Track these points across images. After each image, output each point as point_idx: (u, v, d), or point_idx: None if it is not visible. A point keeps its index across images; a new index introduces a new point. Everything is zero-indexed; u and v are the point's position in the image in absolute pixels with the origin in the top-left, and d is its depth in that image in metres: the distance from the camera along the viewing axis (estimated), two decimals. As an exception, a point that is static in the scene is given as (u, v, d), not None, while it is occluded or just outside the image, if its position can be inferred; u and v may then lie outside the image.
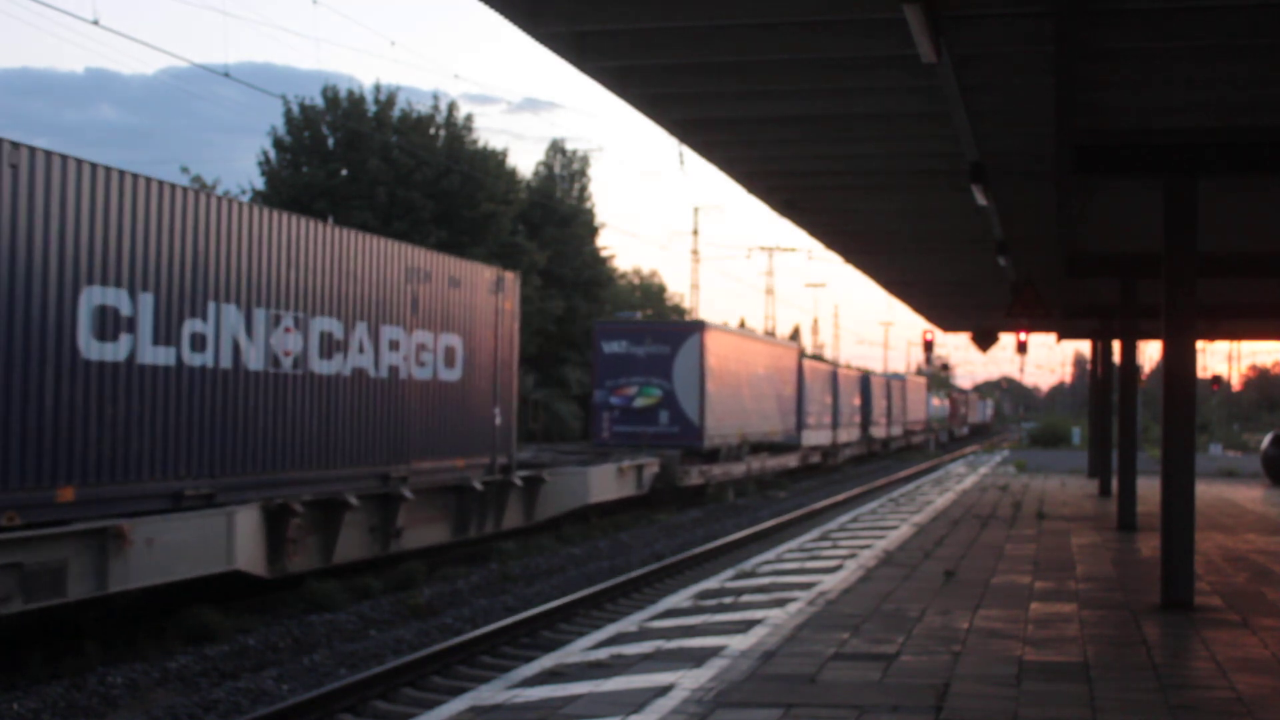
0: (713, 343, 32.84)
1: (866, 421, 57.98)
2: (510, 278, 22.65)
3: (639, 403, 31.90)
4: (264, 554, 15.47)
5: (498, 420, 21.82)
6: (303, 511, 16.04)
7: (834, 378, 51.02)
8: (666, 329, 33.81)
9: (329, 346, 17.15)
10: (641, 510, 28.98)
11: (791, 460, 42.32)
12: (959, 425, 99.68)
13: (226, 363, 15.20)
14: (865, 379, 58.82)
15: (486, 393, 21.52)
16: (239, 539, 14.75)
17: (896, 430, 67.32)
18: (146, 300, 13.99)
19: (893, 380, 67.23)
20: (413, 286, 19.21)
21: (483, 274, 21.59)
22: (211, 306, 14.99)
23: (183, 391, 14.51)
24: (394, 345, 18.68)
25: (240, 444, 15.39)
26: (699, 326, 32.93)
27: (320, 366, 16.96)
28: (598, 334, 32.93)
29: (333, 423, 17.16)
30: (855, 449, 56.13)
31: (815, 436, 46.66)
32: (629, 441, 31.21)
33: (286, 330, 16.31)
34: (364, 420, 17.87)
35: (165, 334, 14.25)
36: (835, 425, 50.66)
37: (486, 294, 21.60)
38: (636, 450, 30.13)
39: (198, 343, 14.77)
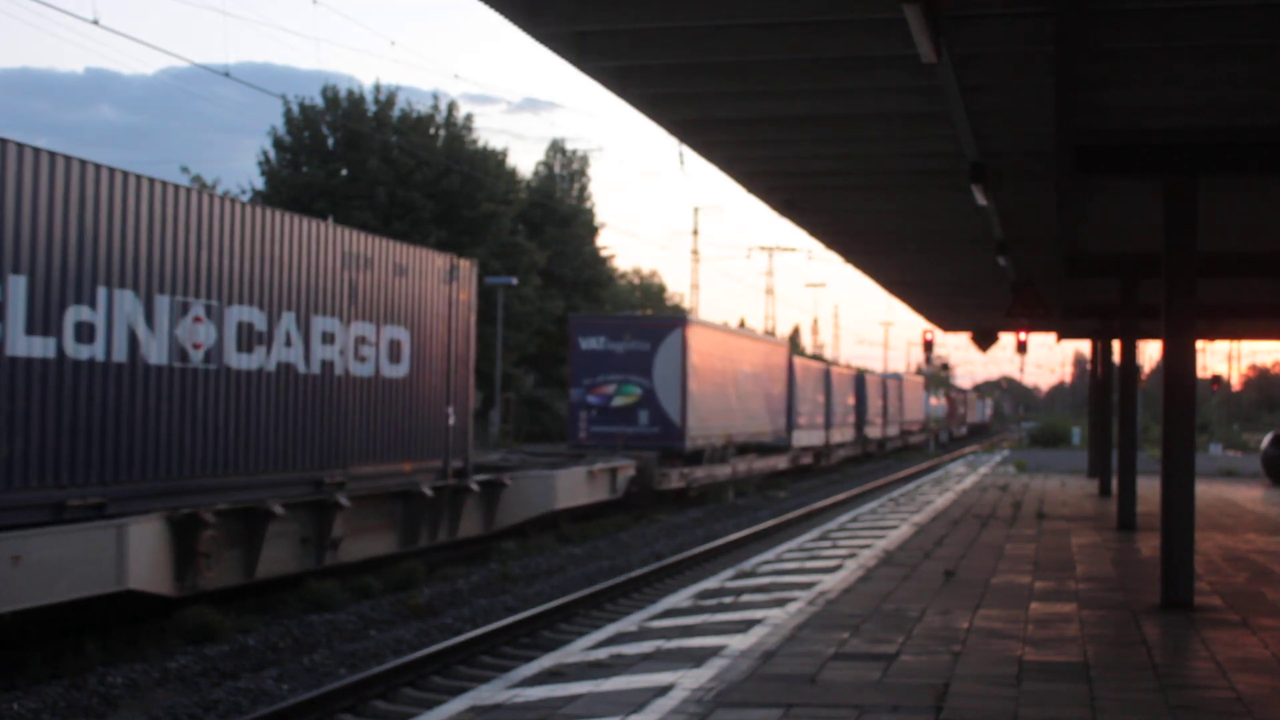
0: (695, 339, 31.42)
1: (861, 422, 56.83)
2: (466, 266, 20.90)
3: (617, 402, 30.35)
4: (170, 570, 13.94)
5: (451, 420, 20.15)
6: (215, 522, 14.45)
7: (826, 376, 49.84)
8: (646, 324, 32.04)
9: (249, 338, 15.51)
10: (642, 511, 28.88)
11: (781, 462, 40.93)
12: (957, 425, 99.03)
13: (121, 355, 13.54)
14: (860, 378, 57.82)
15: (438, 391, 19.87)
16: (133, 554, 13.09)
17: (893, 430, 66.24)
18: (17, 284, 12.41)
19: (889, 379, 66.25)
20: (350, 274, 17.51)
21: (434, 261, 19.91)
22: (102, 292, 13.34)
23: (65, 388, 12.92)
24: (328, 338, 17.04)
25: (139, 448, 13.75)
26: (680, 321, 31.48)
27: (238, 361, 15.34)
28: (574, 330, 31.36)
29: (253, 423, 15.56)
30: (849, 450, 54.91)
31: (807, 437, 45.31)
32: (607, 442, 29.63)
33: (196, 320, 14.63)
34: (292, 420, 16.30)
35: (43, 322, 12.66)
36: (828, 425, 49.33)
37: (438, 283, 19.88)
38: (611, 452, 28.57)
39: (84, 333, 13.15)
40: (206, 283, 14.87)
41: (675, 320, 32.04)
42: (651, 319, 36.29)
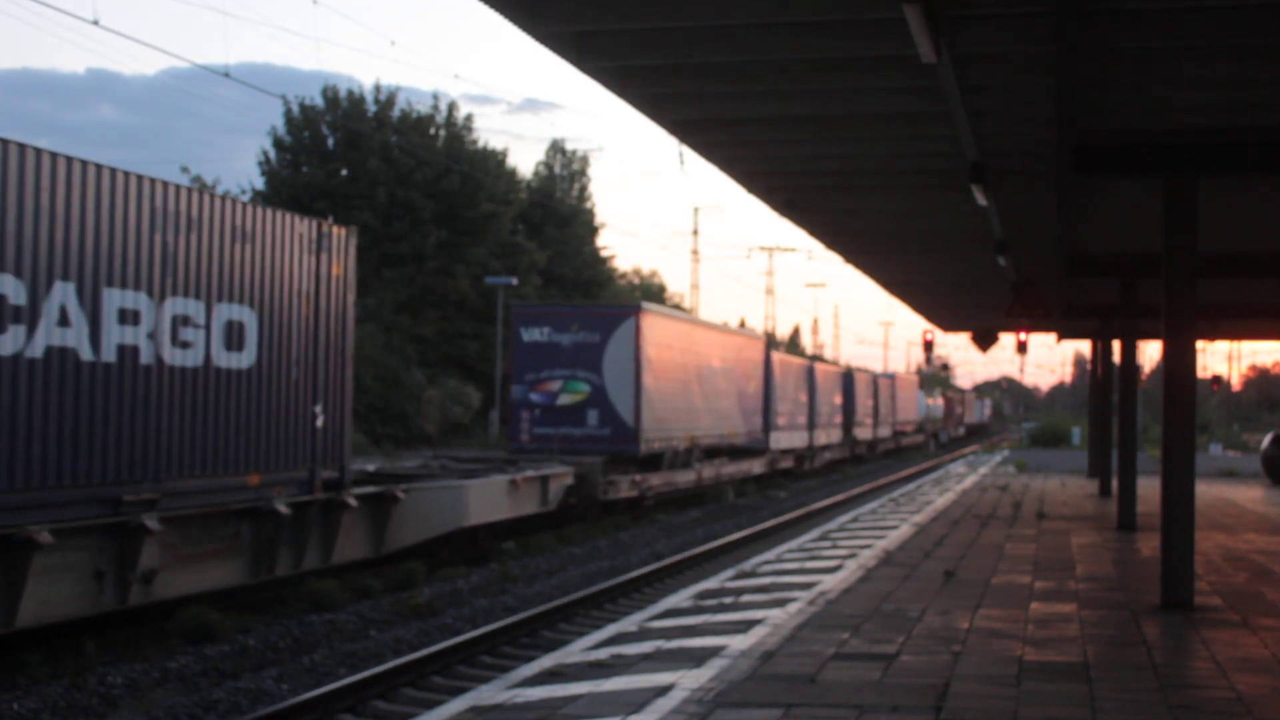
0: (651, 329, 28.22)
1: (849, 422, 54.09)
2: (340, 234, 17.00)
3: (563, 400, 27.26)
4: None
5: (320, 421, 16.39)
6: None
7: (810, 373, 46.95)
8: (595, 313, 28.72)
9: None
10: (642, 511, 28.83)
11: (756, 466, 37.81)
12: (954, 426, 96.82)
13: None
14: (848, 375, 55.34)
15: (301, 385, 16.13)
16: None
17: (884, 432, 63.57)
18: None
19: (880, 378, 63.84)
20: (165, 236, 13.79)
21: (293, 227, 16.00)
22: None
23: None
24: (129, 317, 13.43)
25: None
26: (633, 309, 28.24)
27: None
28: (516, 319, 28.10)
29: (6, 426, 12.01)
30: (836, 452, 51.83)
31: (786, 439, 42.10)
32: (550, 446, 26.60)
33: None
34: (70, 422, 12.70)
35: None
36: (811, 426, 46.25)
37: (301, 253, 16.08)
38: (543, 458, 25.23)
39: None
40: None
41: (627, 308, 28.63)
42: (601, 307, 32.05)
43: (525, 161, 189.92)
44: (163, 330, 13.90)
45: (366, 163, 52.57)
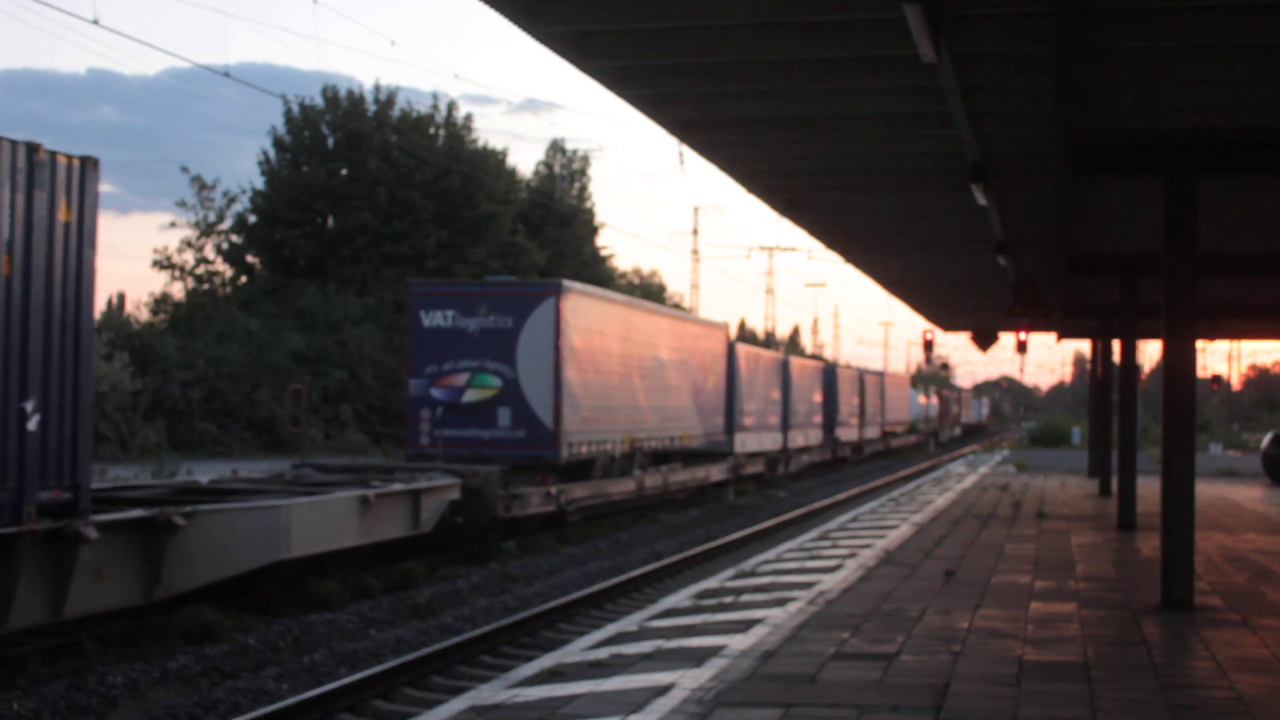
0: (575, 312, 23.93)
1: (831, 423, 50.20)
2: (68, 165, 11.96)
3: (471, 396, 23.03)
4: None
5: (32, 423, 11.60)
6: None
7: (784, 368, 42.51)
8: (508, 293, 23.85)
9: None
10: (643, 511, 28.75)
11: (716, 472, 33.30)
12: (950, 426, 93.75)
13: None
14: (829, 371, 51.62)
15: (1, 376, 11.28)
16: None
17: (872, 432, 59.79)
18: None
19: (866, 375, 59.54)
20: None
21: None
22: None
23: None
24: None
25: None
26: (553, 289, 23.63)
27: None
28: (414, 301, 23.56)
29: None
30: (816, 455, 47.84)
31: (754, 441, 37.80)
32: (453, 450, 22.32)
33: None
34: None
35: None
36: (786, 427, 42.04)
37: None
38: (425, 466, 20.84)
39: None
40: None
41: (545, 288, 24.19)
42: (515, 286, 25.57)
43: (525, 161, 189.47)
44: None
45: (366, 163, 52.58)
